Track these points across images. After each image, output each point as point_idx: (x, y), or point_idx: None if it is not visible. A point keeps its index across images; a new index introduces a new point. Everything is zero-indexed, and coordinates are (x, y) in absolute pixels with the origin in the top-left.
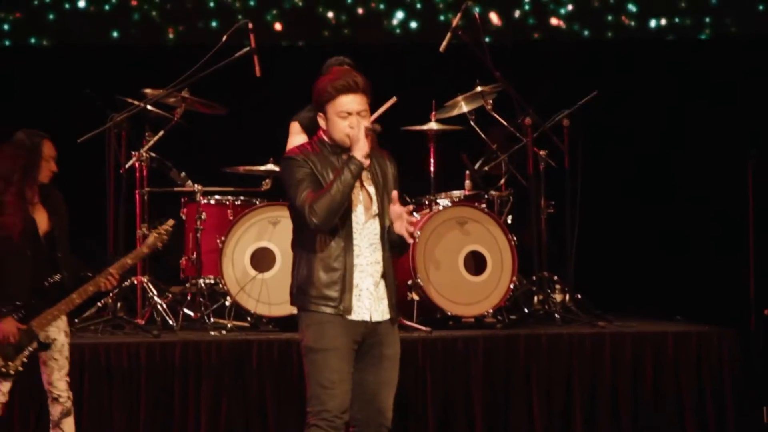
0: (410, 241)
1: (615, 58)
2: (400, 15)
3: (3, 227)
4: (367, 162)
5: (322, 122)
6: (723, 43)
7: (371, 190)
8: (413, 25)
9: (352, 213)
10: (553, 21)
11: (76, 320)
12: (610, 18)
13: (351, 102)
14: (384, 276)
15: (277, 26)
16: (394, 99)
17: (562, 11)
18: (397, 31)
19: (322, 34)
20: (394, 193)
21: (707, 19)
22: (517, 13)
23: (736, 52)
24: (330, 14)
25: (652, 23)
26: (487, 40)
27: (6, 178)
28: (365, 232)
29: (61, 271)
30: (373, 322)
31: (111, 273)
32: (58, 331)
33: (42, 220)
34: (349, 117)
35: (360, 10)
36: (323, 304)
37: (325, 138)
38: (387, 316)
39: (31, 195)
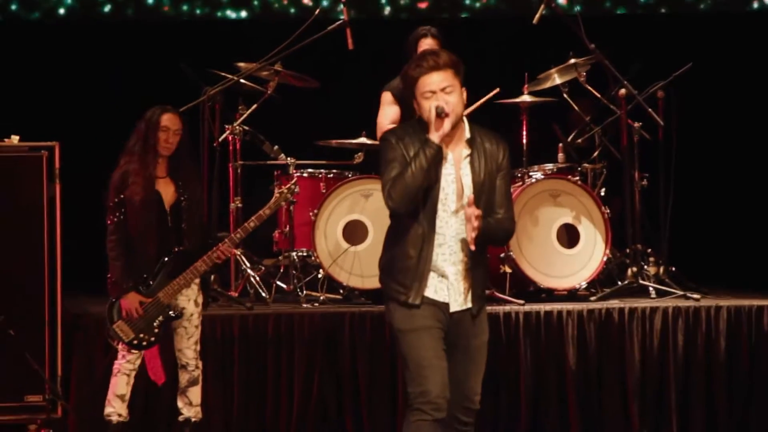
0: (472, 247)
1: (710, 30)
2: None
3: (127, 197)
4: (441, 143)
5: (417, 108)
6: None
7: (467, 178)
8: None
9: (438, 200)
10: None
11: None
12: None
13: (432, 81)
14: (471, 268)
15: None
16: (497, 90)
17: None
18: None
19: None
20: (470, 196)
21: None
22: None
23: None
24: None
25: None
26: (578, 9)
27: (130, 151)
28: (453, 220)
29: (185, 241)
30: (452, 312)
31: (233, 237)
32: (187, 300)
33: (168, 191)
34: (433, 96)
35: None
36: (395, 290)
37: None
38: (468, 305)
39: (153, 167)
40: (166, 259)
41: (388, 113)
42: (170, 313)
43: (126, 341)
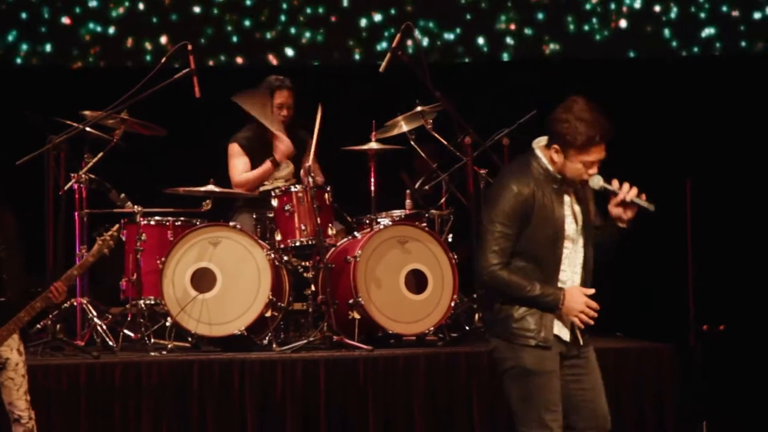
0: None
1: (554, 75)
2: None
3: None
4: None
5: (556, 156)
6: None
7: (578, 207)
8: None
9: (562, 238)
10: (490, 39)
11: None
12: (547, 37)
13: (600, 153)
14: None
15: (217, 46)
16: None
17: (501, 27)
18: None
19: (264, 56)
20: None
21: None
22: (457, 31)
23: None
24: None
25: (597, 37)
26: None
27: None
28: (573, 254)
29: (6, 292)
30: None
31: (57, 287)
32: (9, 350)
33: None
34: (593, 166)
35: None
36: (522, 335)
37: (544, 159)
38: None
39: None
40: None
41: (239, 164)
42: None
43: None
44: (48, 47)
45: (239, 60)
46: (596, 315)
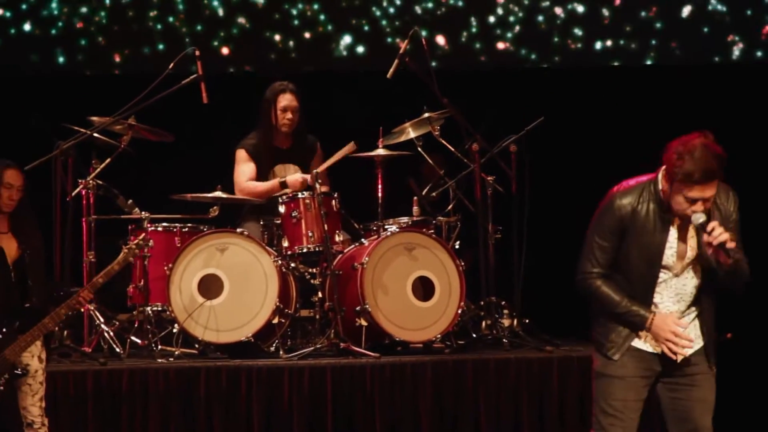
0: (725, 259)
1: (562, 83)
2: (347, 39)
3: None
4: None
5: (664, 183)
6: (667, 69)
7: (693, 240)
8: (360, 49)
9: (658, 264)
10: (500, 45)
11: None
12: (556, 40)
13: (704, 191)
14: (698, 314)
15: (224, 51)
16: (352, 145)
17: (509, 35)
18: (344, 54)
19: (268, 59)
20: (715, 222)
21: (654, 42)
22: (464, 38)
23: (681, 78)
24: (277, 37)
25: (598, 45)
26: (434, 64)
27: None
28: (672, 282)
29: (31, 297)
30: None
31: (83, 294)
32: (31, 357)
33: (11, 247)
34: (695, 204)
35: (307, 34)
36: (598, 340)
37: (661, 182)
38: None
39: None
40: (13, 315)
41: (245, 171)
42: (16, 371)
43: None
44: (58, 54)
45: (247, 67)
46: (688, 346)
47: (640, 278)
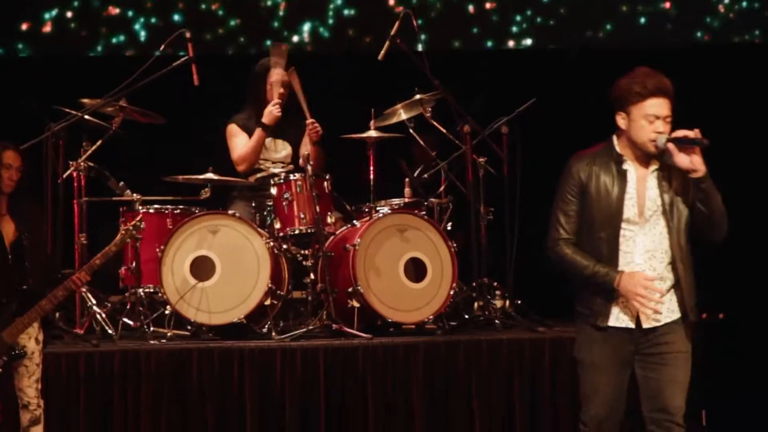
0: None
1: (554, 65)
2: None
3: None
4: None
5: (623, 123)
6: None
7: (653, 192)
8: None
9: (619, 217)
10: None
11: None
12: (551, 23)
13: (660, 105)
14: (674, 284)
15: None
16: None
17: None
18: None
19: (263, 44)
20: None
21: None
22: (459, 20)
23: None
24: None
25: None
26: (420, 48)
27: None
28: (640, 239)
29: (29, 279)
30: (643, 329)
31: (80, 276)
32: (28, 339)
33: (8, 229)
34: (656, 121)
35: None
36: (580, 317)
37: (616, 142)
38: (665, 320)
39: None
40: (10, 297)
41: (240, 142)
42: (13, 352)
43: None
44: (48, 34)
45: (239, 48)
46: (660, 301)
47: (605, 237)
